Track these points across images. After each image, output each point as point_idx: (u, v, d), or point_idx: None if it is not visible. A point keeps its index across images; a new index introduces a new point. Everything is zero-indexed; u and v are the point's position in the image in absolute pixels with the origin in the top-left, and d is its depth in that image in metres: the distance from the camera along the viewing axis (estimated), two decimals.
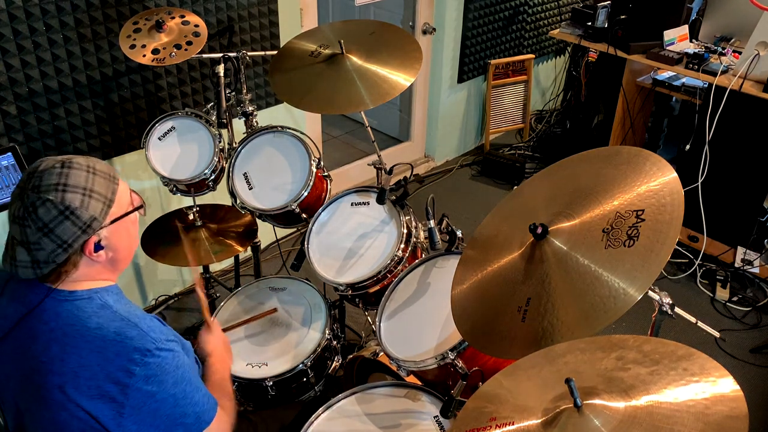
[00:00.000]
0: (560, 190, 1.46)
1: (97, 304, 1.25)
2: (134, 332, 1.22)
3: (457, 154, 4.47)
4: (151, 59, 2.28)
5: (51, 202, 1.17)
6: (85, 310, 1.24)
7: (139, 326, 1.23)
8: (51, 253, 1.19)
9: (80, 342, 1.21)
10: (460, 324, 1.47)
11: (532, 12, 4.35)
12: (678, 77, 3.51)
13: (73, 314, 1.23)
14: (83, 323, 1.22)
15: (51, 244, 1.19)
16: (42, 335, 1.23)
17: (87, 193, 1.21)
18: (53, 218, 1.18)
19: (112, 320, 1.24)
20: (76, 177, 1.21)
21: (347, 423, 1.68)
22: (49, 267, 1.21)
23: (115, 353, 1.20)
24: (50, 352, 1.22)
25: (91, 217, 1.20)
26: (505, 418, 1.10)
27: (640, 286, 1.17)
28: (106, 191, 1.24)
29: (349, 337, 2.61)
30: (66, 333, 1.22)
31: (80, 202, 1.19)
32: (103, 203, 1.23)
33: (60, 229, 1.18)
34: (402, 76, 2.08)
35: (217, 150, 2.37)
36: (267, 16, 2.97)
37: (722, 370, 1.00)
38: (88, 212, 1.20)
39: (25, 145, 2.40)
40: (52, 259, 1.20)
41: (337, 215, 2.16)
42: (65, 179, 1.20)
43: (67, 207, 1.18)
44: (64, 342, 1.21)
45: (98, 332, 1.21)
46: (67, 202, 1.18)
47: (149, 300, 3.06)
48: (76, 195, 1.19)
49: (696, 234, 3.37)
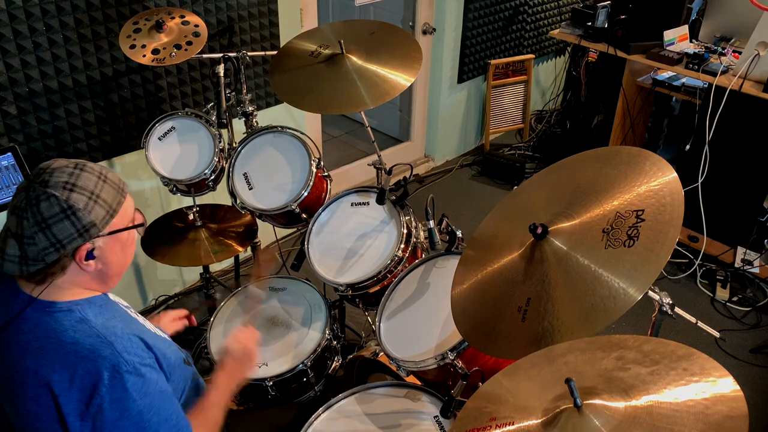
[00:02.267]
0: (560, 190, 1.46)
1: (76, 318, 1.23)
2: (107, 351, 1.19)
3: (457, 154, 4.47)
4: (151, 59, 2.28)
5: (56, 198, 1.17)
6: (63, 324, 1.22)
7: (114, 345, 1.21)
8: (42, 250, 1.17)
9: (54, 356, 1.19)
10: (460, 324, 1.47)
11: (532, 12, 4.35)
12: (678, 77, 3.51)
13: (51, 327, 1.21)
14: (59, 337, 1.20)
15: (45, 240, 1.17)
16: (19, 345, 1.21)
17: (93, 198, 1.20)
18: (54, 214, 1.17)
19: (88, 336, 1.21)
20: (86, 180, 1.21)
21: (347, 423, 1.68)
22: (37, 265, 1.19)
23: (86, 371, 1.18)
24: (25, 363, 1.20)
25: (90, 222, 1.20)
26: (505, 418, 1.10)
27: (640, 286, 1.17)
28: (112, 201, 1.23)
29: (349, 337, 2.61)
30: (42, 346, 1.20)
31: (84, 205, 1.19)
32: (107, 212, 1.22)
33: (58, 227, 1.17)
34: (402, 76, 2.08)
35: (217, 150, 2.37)
36: (267, 16, 2.97)
37: (722, 370, 1.00)
38: (90, 217, 1.19)
39: (25, 145, 2.40)
40: (41, 257, 1.18)
41: (337, 215, 2.16)
42: (75, 179, 1.20)
43: (71, 206, 1.17)
44: (39, 355, 1.20)
45: (72, 347, 1.19)
46: (71, 201, 1.18)
47: (149, 300, 3.06)
48: (82, 197, 1.19)
49: (696, 234, 3.37)
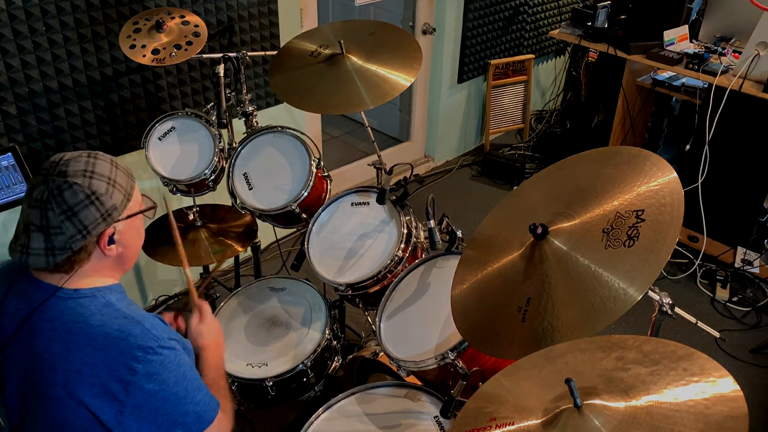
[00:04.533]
0: (560, 190, 1.46)
1: (101, 302, 1.26)
2: (137, 330, 1.23)
3: (457, 154, 4.47)
4: (151, 59, 2.28)
5: (78, 186, 1.20)
6: (89, 308, 1.25)
7: (143, 324, 1.24)
8: (70, 238, 1.20)
9: (83, 339, 1.21)
10: (460, 324, 1.47)
11: (532, 12, 4.35)
12: (678, 77, 3.51)
13: (77, 312, 1.24)
14: (86, 321, 1.23)
15: (72, 228, 1.20)
16: (45, 333, 1.23)
17: (111, 183, 1.24)
18: (79, 201, 1.20)
19: (116, 318, 1.24)
20: (102, 167, 1.25)
21: (347, 423, 1.68)
22: (64, 254, 1.21)
23: (119, 351, 1.20)
24: (53, 349, 1.22)
25: (112, 206, 1.23)
26: (505, 418, 1.10)
27: (640, 286, 1.17)
28: (127, 185, 1.28)
29: (349, 337, 2.61)
30: (70, 330, 1.22)
31: (105, 190, 1.23)
32: (124, 195, 1.27)
33: (83, 214, 1.20)
34: (402, 76, 2.07)
35: (217, 150, 2.37)
36: (267, 16, 2.97)
37: (722, 370, 1.00)
38: (111, 200, 1.23)
39: (25, 145, 2.40)
40: (69, 246, 1.21)
41: (337, 215, 2.16)
42: (92, 167, 1.24)
43: (93, 192, 1.21)
44: (67, 339, 1.22)
45: (101, 330, 1.22)
46: (93, 187, 1.21)
47: (149, 300, 3.06)
48: (101, 182, 1.23)
49: (696, 234, 3.37)
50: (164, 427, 1.24)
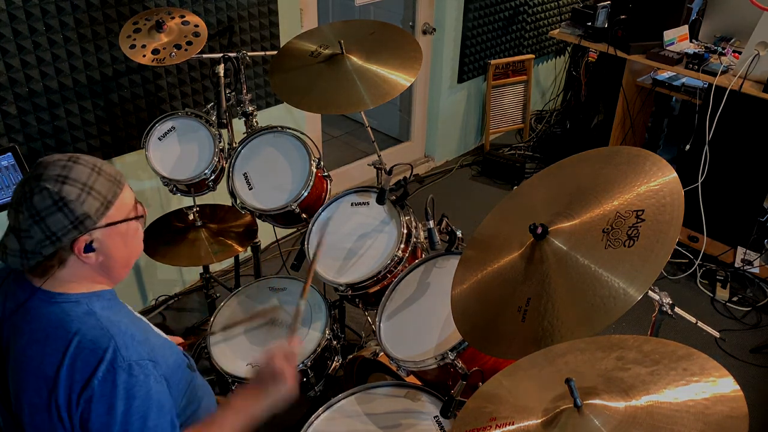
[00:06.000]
0: (560, 190, 1.46)
1: (83, 310, 1.24)
2: (107, 344, 1.20)
3: (457, 154, 4.47)
4: (151, 59, 2.28)
5: (48, 191, 1.17)
6: (70, 314, 1.22)
7: (115, 339, 1.20)
8: (38, 243, 1.18)
9: (59, 345, 1.20)
10: (460, 324, 1.47)
11: (532, 12, 4.35)
12: (678, 77, 3.51)
13: (58, 317, 1.22)
14: (65, 327, 1.21)
15: (40, 233, 1.17)
16: (25, 334, 1.23)
17: (86, 190, 1.20)
18: (46, 207, 1.17)
19: (92, 328, 1.22)
20: (79, 172, 1.20)
21: (347, 423, 1.68)
22: (36, 258, 1.20)
23: (84, 362, 1.18)
24: (30, 351, 1.21)
25: (84, 214, 1.19)
26: (505, 418, 1.10)
27: (640, 286, 1.17)
28: (107, 192, 1.23)
29: (349, 337, 2.61)
30: (48, 335, 1.21)
31: (76, 196, 1.18)
32: (101, 203, 1.21)
33: (51, 220, 1.17)
34: (402, 76, 2.07)
35: (217, 150, 2.37)
36: (267, 16, 2.97)
37: (722, 370, 1.00)
38: (83, 208, 1.18)
39: (25, 145, 2.40)
40: (38, 250, 1.19)
41: (337, 215, 2.16)
42: (67, 172, 1.19)
43: (62, 198, 1.17)
44: (44, 344, 1.20)
45: (75, 338, 1.20)
46: (63, 193, 1.17)
47: (149, 300, 3.06)
48: (74, 188, 1.18)
49: (696, 234, 3.37)
50: None
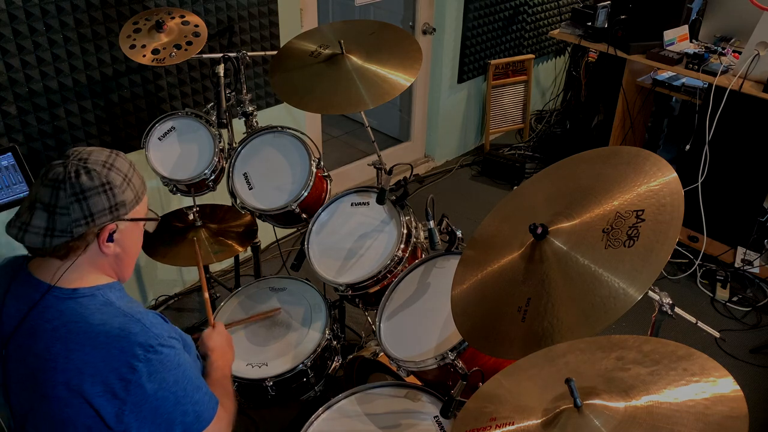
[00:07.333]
0: (560, 190, 1.46)
1: (100, 301, 1.27)
2: (137, 328, 1.23)
3: (457, 154, 4.47)
4: (151, 59, 2.28)
5: (96, 173, 1.24)
6: (88, 307, 1.25)
7: (142, 322, 1.25)
8: (73, 221, 1.21)
9: (84, 339, 1.22)
10: (460, 324, 1.47)
11: (532, 12, 4.35)
12: (678, 77, 3.51)
13: (76, 311, 1.24)
14: (86, 320, 1.23)
15: (79, 211, 1.22)
16: (45, 333, 1.24)
17: (127, 180, 1.29)
18: (93, 187, 1.23)
19: (116, 316, 1.25)
20: (122, 164, 1.30)
21: (347, 423, 1.68)
22: (63, 238, 1.22)
23: (119, 349, 1.21)
24: (54, 349, 1.22)
25: (122, 202, 1.27)
26: (505, 418, 1.10)
27: (640, 286, 1.17)
28: (139, 188, 1.33)
29: (349, 337, 2.61)
30: (70, 330, 1.23)
31: (120, 183, 1.27)
32: (134, 196, 1.30)
33: (94, 200, 1.23)
34: (402, 76, 2.07)
35: (217, 150, 2.37)
36: (267, 16, 2.97)
37: (722, 370, 1.00)
38: (122, 196, 1.27)
39: (25, 145, 2.40)
40: (70, 229, 1.22)
41: (337, 215, 2.16)
42: (112, 161, 1.28)
43: (109, 182, 1.25)
44: (67, 339, 1.22)
45: (102, 328, 1.22)
46: (110, 178, 1.25)
47: (149, 300, 3.06)
48: (118, 176, 1.27)
49: (696, 234, 3.37)
50: (163, 426, 1.25)
